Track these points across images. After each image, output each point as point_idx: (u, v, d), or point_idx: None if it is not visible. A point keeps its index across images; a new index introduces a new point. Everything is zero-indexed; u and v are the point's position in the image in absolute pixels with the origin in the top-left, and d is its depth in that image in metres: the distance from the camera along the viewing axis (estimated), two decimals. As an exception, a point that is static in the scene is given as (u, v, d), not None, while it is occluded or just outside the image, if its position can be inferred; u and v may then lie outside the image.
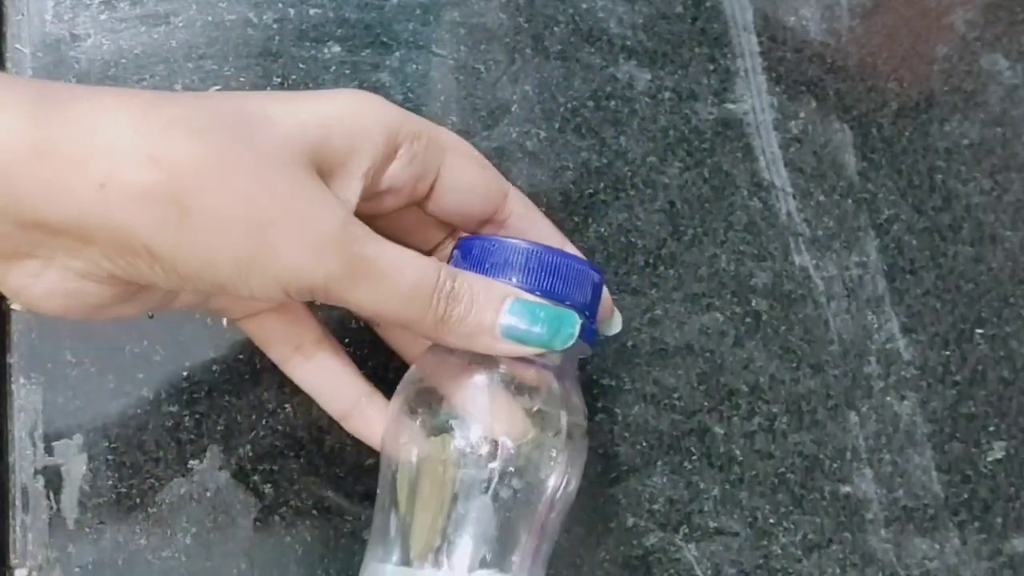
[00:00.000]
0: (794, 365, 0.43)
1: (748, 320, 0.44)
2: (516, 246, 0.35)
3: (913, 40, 0.49)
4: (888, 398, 0.43)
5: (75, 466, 0.40)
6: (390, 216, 0.37)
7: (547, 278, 0.35)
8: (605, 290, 0.37)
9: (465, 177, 0.37)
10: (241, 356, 0.42)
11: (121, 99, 0.32)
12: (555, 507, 0.35)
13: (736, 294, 0.44)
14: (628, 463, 0.42)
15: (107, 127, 0.31)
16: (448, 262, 0.36)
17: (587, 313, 0.36)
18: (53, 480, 0.40)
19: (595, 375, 0.43)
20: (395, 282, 0.33)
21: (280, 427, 0.41)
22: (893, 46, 0.49)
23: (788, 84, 0.47)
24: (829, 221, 0.46)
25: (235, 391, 0.41)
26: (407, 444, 0.35)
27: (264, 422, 0.41)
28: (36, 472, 0.40)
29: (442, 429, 0.35)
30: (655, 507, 0.41)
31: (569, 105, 0.46)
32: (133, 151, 0.30)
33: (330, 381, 0.39)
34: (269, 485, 0.40)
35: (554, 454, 0.35)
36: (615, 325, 0.40)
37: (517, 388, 0.35)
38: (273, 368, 0.41)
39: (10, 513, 0.39)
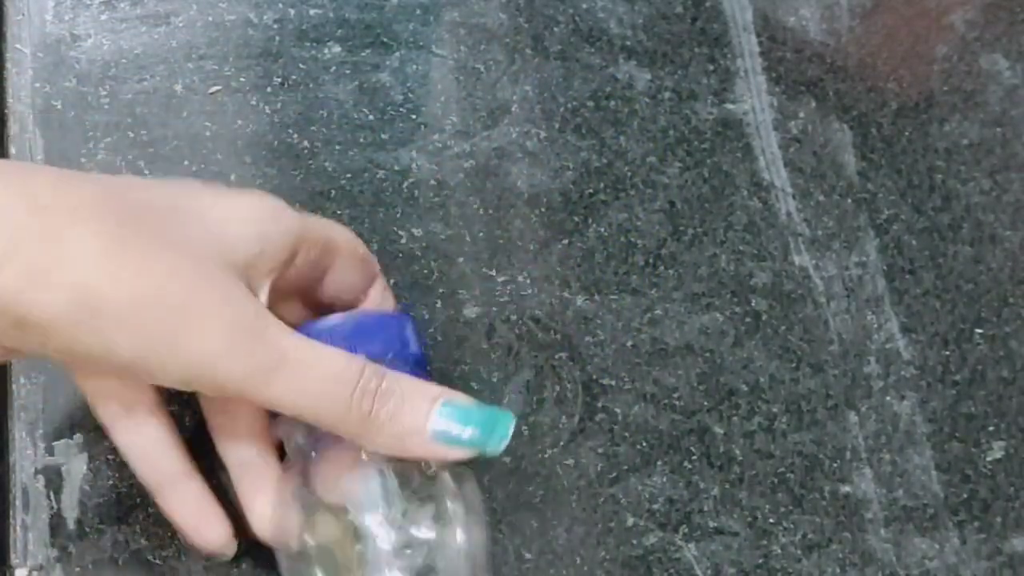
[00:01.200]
0: (794, 365, 0.44)
1: (748, 320, 0.44)
2: (369, 320, 0.37)
3: (913, 40, 0.49)
4: (888, 398, 0.43)
5: (75, 466, 0.40)
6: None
7: (365, 341, 0.35)
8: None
9: (347, 275, 0.38)
10: (241, 356, 0.42)
11: (24, 176, 0.31)
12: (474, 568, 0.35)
13: (736, 294, 0.44)
14: (628, 463, 0.42)
15: (8, 204, 0.30)
16: None
17: (418, 353, 0.37)
18: (53, 480, 0.40)
19: (595, 375, 0.43)
20: (314, 373, 0.32)
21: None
22: (893, 46, 0.49)
23: (788, 84, 0.47)
24: (829, 221, 0.46)
25: (235, 391, 0.41)
26: (301, 525, 0.34)
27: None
28: (36, 472, 0.40)
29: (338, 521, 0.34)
30: (655, 507, 0.41)
31: (569, 105, 0.46)
32: (32, 231, 0.29)
33: (153, 451, 0.36)
34: (269, 485, 0.40)
35: (455, 526, 0.34)
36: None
37: (403, 474, 0.34)
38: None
39: (10, 513, 0.39)
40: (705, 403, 0.43)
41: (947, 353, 0.44)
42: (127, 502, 0.39)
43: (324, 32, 0.45)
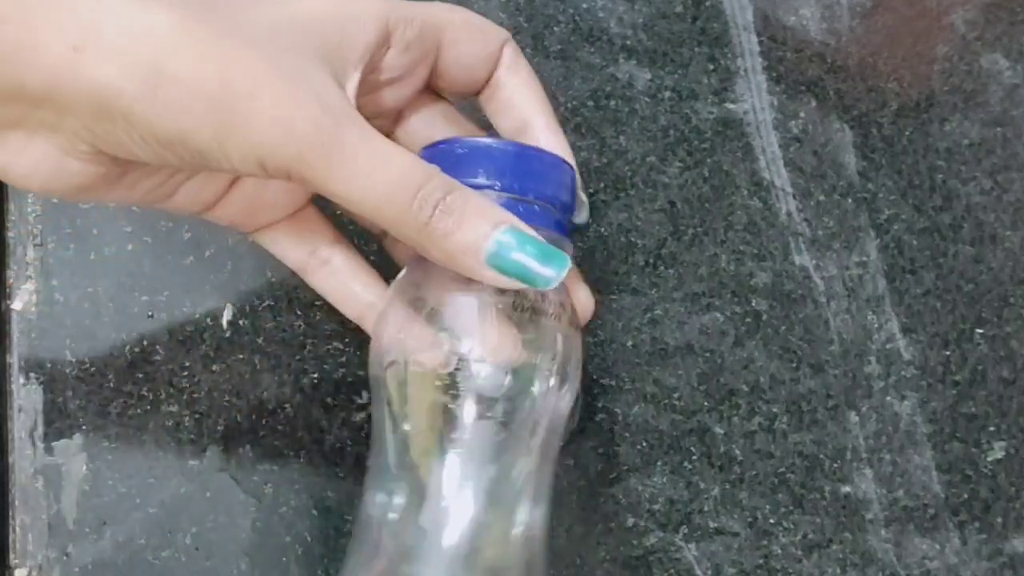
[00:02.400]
0: (794, 365, 0.43)
1: (748, 320, 0.44)
2: (489, 148, 0.34)
3: (913, 40, 0.49)
4: (888, 398, 0.43)
5: (75, 466, 0.40)
6: (398, 114, 0.37)
7: (523, 178, 0.34)
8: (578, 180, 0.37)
9: (463, 50, 0.36)
10: (241, 356, 0.42)
11: None
12: (553, 427, 0.35)
13: (736, 294, 0.44)
14: (628, 463, 0.42)
15: None
16: None
17: (564, 210, 0.35)
18: (53, 480, 0.40)
19: (595, 375, 0.43)
20: (374, 175, 0.31)
21: (280, 427, 0.41)
22: (893, 46, 0.49)
23: (788, 84, 0.47)
24: (829, 221, 0.46)
25: (235, 391, 0.41)
26: (401, 342, 0.35)
27: (264, 422, 0.41)
28: (36, 472, 0.40)
29: (433, 336, 0.34)
30: (655, 507, 0.41)
31: (569, 105, 0.46)
32: (110, 15, 0.30)
33: (346, 283, 0.38)
34: (269, 485, 0.40)
35: (548, 376, 0.34)
36: (583, 214, 0.38)
37: (511, 307, 0.34)
38: (273, 368, 0.41)
39: (10, 513, 0.39)
40: (705, 403, 0.43)
41: (948, 353, 0.44)
42: (127, 502, 0.39)
43: (324, 32, 0.45)
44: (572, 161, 0.37)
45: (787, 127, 0.47)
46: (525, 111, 0.37)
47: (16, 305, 0.41)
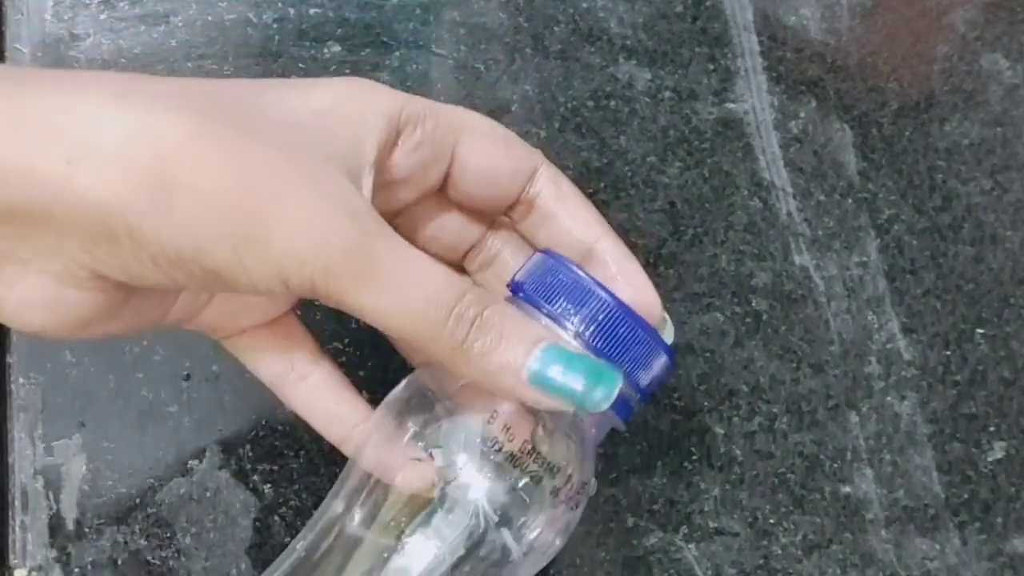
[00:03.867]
0: (794, 365, 0.43)
1: (748, 320, 0.44)
2: (590, 292, 0.31)
3: (913, 40, 0.49)
4: (888, 398, 0.43)
5: (75, 466, 0.40)
6: (412, 212, 0.35)
7: (610, 342, 0.31)
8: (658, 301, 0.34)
9: (483, 159, 0.33)
10: (241, 356, 0.42)
11: (97, 76, 0.29)
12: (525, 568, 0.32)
13: (736, 294, 0.44)
14: (628, 463, 0.42)
15: (80, 102, 0.27)
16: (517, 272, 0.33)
17: (639, 394, 0.32)
18: (53, 480, 0.40)
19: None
20: (406, 289, 0.29)
21: (280, 427, 0.41)
22: (893, 46, 0.49)
23: (788, 84, 0.47)
24: (829, 221, 0.46)
25: (235, 391, 0.41)
26: (386, 454, 0.32)
27: (264, 422, 0.41)
28: (36, 472, 0.40)
29: (426, 449, 0.31)
30: (655, 507, 0.41)
31: (569, 105, 0.46)
32: (109, 124, 0.27)
33: (328, 403, 0.35)
34: (269, 485, 0.40)
35: (553, 518, 0.32)
36: (667, 335, 0.35)
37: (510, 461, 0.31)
38: (273, 368, 0.41)
39: (10, 513, 0.39)
40: (705, 403, 0.43)
41: (948, 353, 0.44)
42: (126, 502, 0.39)
43: (324, 31, 0.45)
44: (656, 302, 0.34)
45: (787, 127, 0.47)
46: (586, 239, 0.35)
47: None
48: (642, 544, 0.41)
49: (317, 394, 0.35)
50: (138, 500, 0.40)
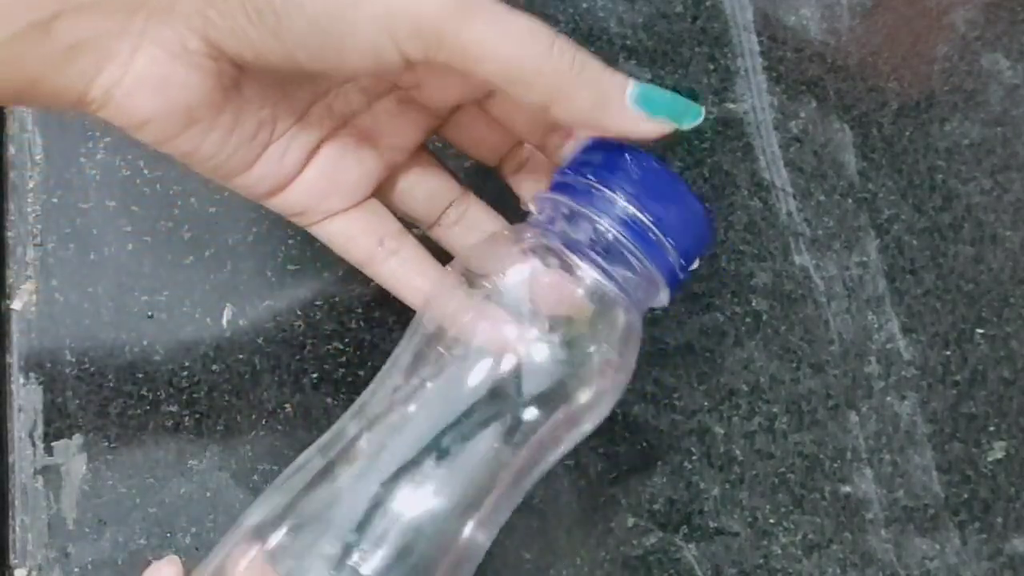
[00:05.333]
0: (794, 365, 0.43)
1: (748, 320, 0.44)
2: (645, 160, 0.33)
3: (913, 40, 0.49)
4: (888, 398, 0.43)
5: (75, 466, 0.40)
6: (457, 120, 0.37)
7: (664, 205, 0.33)
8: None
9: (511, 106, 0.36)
10: (241, 356, 0.42)
11: None
12: (547, 459, 0.34)
13: (736, 294, 0.44)
14: (628, 463, 0.42)
15: None
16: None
17: (683, 261, 0.34)
18: (53, 480, 0.40)
19: (595, 375, 0.43)
20: (509, 22, 0.30)
21: (280, 427, 0.41)
22: (893, 46, 0.49)
23: (788, 84, 0.47)
24: (829, 221, 0.46)
25: (235, 391, 0.41)
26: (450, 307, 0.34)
27: (264, 422, 0.41)
28: (36, 472, 0.40)
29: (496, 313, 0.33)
30: (655, 507, 0.41)
31: (569, 105, 0.46)
32: None
33: (414, 274, 0.38)
34: (269, 485, 0.40)
35: (589, 375, 0.33)
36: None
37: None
38: (273, 368, 0.41)
39: (10, 513, 0.39)
40: (705, 403, 0.43)
41: (948, 353, 0.44)
42: (126, 502, 0.39)
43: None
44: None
45: (787, 127, 0.47)
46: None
47: (16, 305, 0.41)
48: (642, 544, 0.41)
49: (405, 267, 0.38)
50: (138, 500, 0.40)
